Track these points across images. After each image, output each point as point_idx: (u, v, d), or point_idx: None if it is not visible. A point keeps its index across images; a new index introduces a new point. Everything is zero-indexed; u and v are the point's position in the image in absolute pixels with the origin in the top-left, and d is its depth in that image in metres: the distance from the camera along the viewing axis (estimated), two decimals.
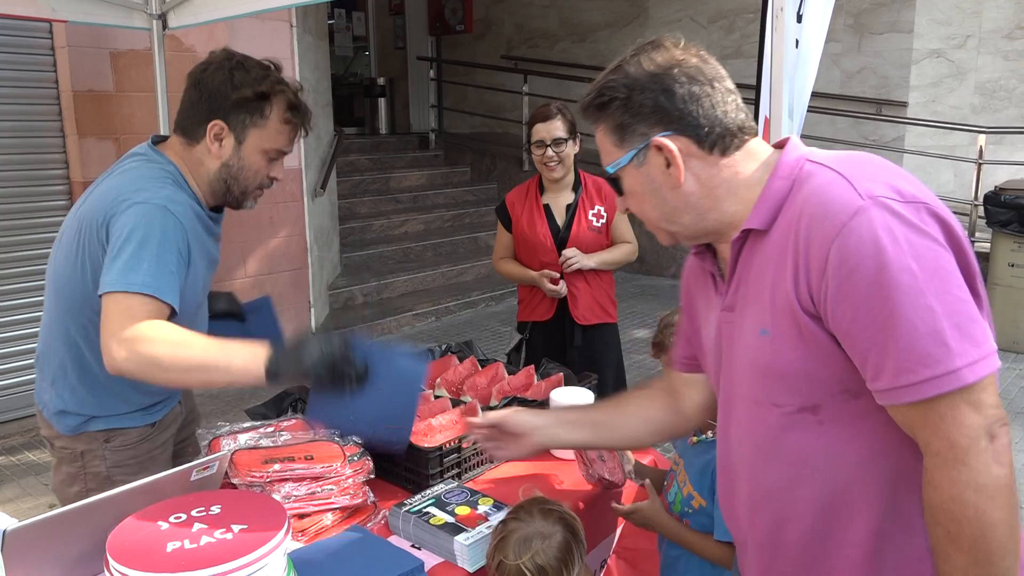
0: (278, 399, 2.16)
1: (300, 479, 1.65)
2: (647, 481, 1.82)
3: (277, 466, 1.65)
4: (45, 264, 1.88)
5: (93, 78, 4.52)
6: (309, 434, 1.82)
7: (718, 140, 1.17)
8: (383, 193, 8.55)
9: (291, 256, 5.59)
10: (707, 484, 1.68)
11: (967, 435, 0.98)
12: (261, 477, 1.63)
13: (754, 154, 1.20)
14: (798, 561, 1.19)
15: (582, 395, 2.05)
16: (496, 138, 9.77)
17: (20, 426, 4.50)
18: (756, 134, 1.21)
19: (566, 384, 2.26)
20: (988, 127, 6.75)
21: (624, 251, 3.11)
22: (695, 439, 1.80)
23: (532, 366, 2.38)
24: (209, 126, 1.75)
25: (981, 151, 6.50)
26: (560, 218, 3.08)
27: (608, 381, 3.08)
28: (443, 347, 2.55)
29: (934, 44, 7.31)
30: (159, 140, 1.86)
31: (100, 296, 1.61)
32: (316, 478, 1.66)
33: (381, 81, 10.95)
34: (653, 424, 1.59)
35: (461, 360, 2.45)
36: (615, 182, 1.26)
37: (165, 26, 3.68)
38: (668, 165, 1.18)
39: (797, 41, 2.14)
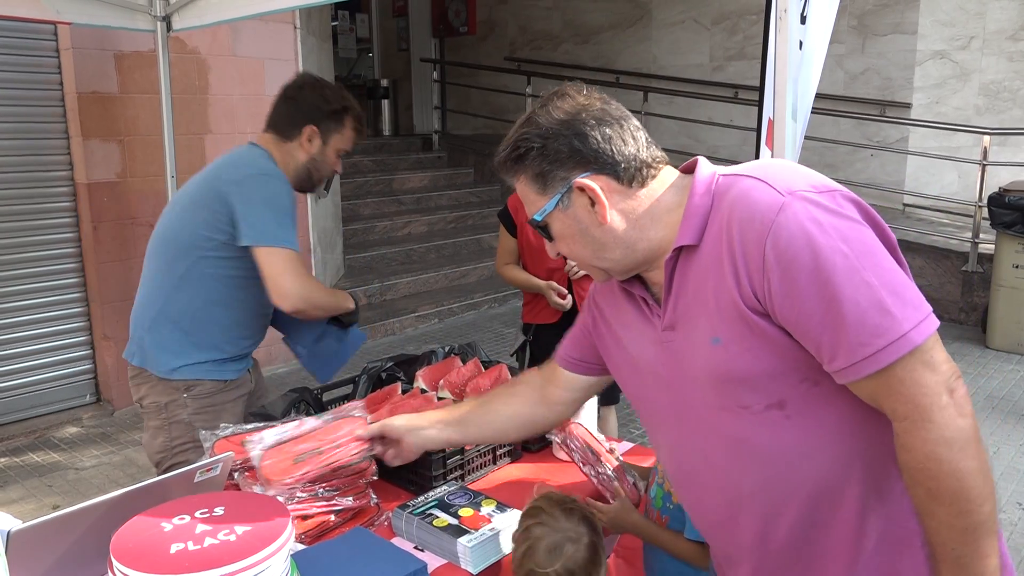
0: (282, 400, 2.16)
1: (333, 470, 1.67)
2: (615, 483, 1.81)
3: (307, 468, 1.64)
4: (49, 265, 2.06)
5: (97, 80, 4.54)
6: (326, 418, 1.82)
7: (636, 174, 1.22)
8: (386, 195, 8.56)
9: None
10: None
11: (928, 394, 1.03)
12: (295, 482, 1.63)
13: (667, 181, 1.26)
14: (791, 554, 1.21)
15: None
16: (500, 140, 9.58)
17: (24, 427, 4.51)
18: (667, 162, 1.27)
19: None
20: (992, 128, 6.73)
21: None
22: None
23: (535, 369, 2.37)
24: (304, 129, 2.26)
25: (985, 152, 6.49)
26: None
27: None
28: (446, 349, 2.55)
29: (938, 45, 7.29)
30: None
31: (249, 247, 2.11)
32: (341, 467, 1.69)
33: (384, 83, 10.97)
34: (518, 419, 1.68)
35: (464, 362, 2.45)
36: (543, 229, 1.30)
37: (169, 28, 3.70)
38: (592, 204, 1.23)
39: (801, 43, 2.14)
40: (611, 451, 1.87)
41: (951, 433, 1.02)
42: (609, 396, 3.24)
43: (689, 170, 1.26)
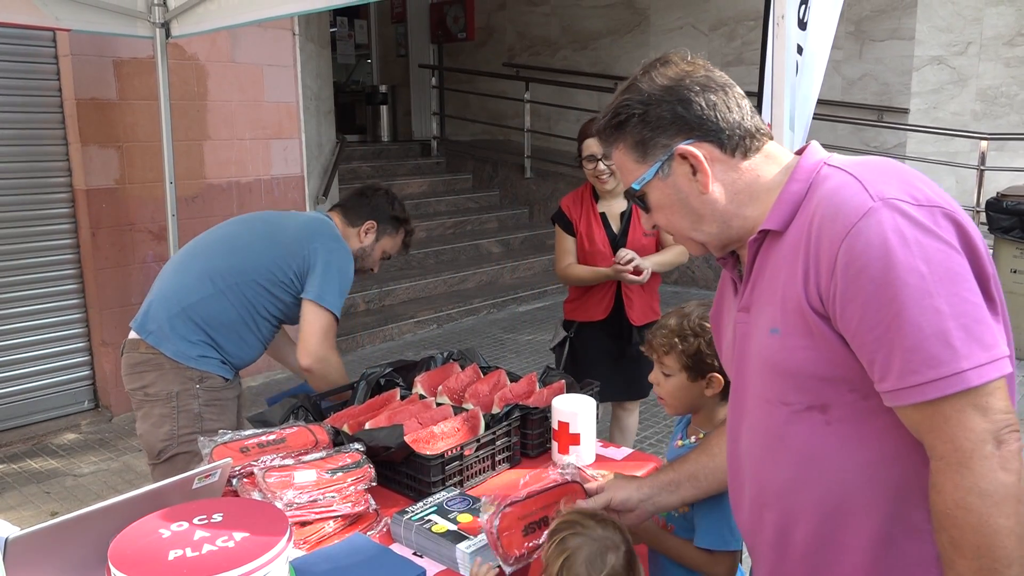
0: (281, 406, 2.16)
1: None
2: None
3: (536, 540, 1.53)
4: (47, 272, 2.05)
5: (96, 86, 4.54)
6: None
7: (739, 143, 1.19)
8: None
9: None
10: None
11: (971, 439, 0.98)
12: (527, 552, 1.53)
13: (773, 157, 1.22)
14: (804, 562, 1.19)
15: (584, 402, 2.05)
16: (498, 145, 9.79)
17: (22, 434, 4.50)
18: (770, 136, 1.23)
19: (568, 391, 2.26)
20: (989, 133, 6.75)
21: (677, 251, 3.15)
22: (680, 443, 1.80)
23: (533, 374, 2.38)
24: (366, 223, 2.60)
25: (983, 157, 6.50)
26: (616, 225, 3.14)
27: (645, 372, 3.18)
28: (445, 354, 2.55)
29: (935, 51, 7.31)
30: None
31: (303, 299, 2.40)
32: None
33: (383, 89, 10.98)
34: None
35: (463, 367, 2.45)
36: (641, 199, 1.27)
37: (168, 35, 3.70)
38: (694, 173, 1.19)
39: (801, 48, 2.14)
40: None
41: (988, 485, 0.97)
42: (631, 391, 3.25)
43: (801, 154, 1.22)
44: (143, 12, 3.63)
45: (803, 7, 2.12)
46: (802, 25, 2.14)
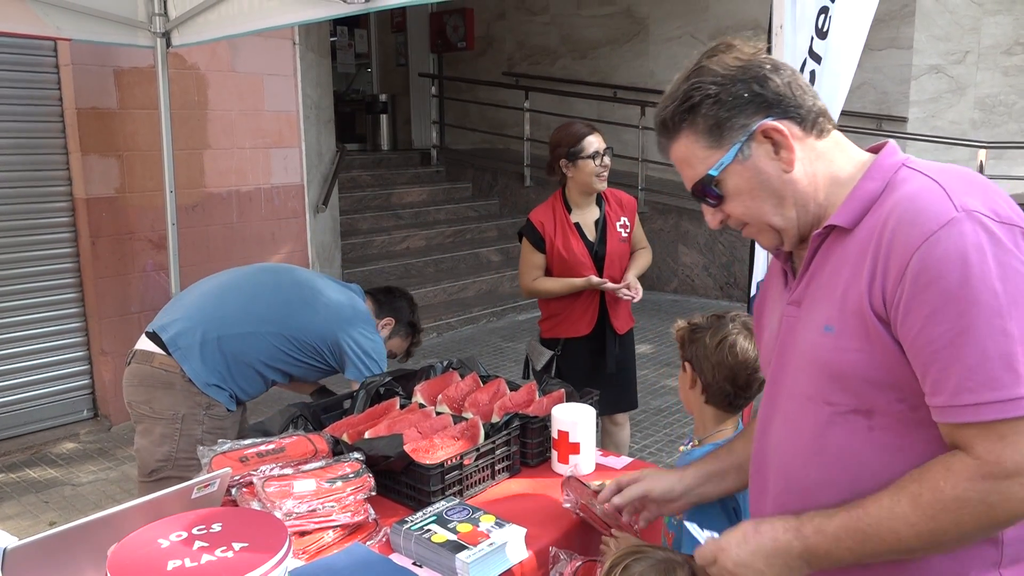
0: (280, 414, 2.16)
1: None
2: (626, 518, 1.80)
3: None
4: (47, 280, 2.06)
5: (97, 96, 4.55)
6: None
7: (815, 121, 1.16)
8: (385, 209, 8.57)
9: None
10: None
11: (1017, 462, 0.96)
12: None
13: (843, 146, 1.19)
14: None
15: (584, 411, 2.05)
16: (497, 154, 9.80)
17: (20, 443, 4.49)
18: (835, 126, 1.21)
19: (568, 400, 2.25)
20: (988, 142, 6.76)
21: (647, 258, 3.24)
22: (682, 448, 1.80)
23: (533, 383, 2.37)
24: (387, 318, 2.78)
25: (981, 166, 6.51)
26: (591, 234, 3.13)
27: (631, 382, 3.28)
28: (444, 363, 2.54)
29: (933, 60, 7.34)
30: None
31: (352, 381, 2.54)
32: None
33: (383, 98, 11.01)
34: None
35: (463, 376, 2.45)
36: (714, 187, 1.19)
37: (169, 44, 3.72)
38: (776, 151, 1.15)
39: (820, 57, 2.14)
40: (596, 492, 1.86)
41: (997, 503, 0.97)
42: (621, 403, 3.24)
43: (876, 151, 1.19)
44: (144, 22, 3.64)
45: (823, 16, 2.13)
46: (821, 34, 2.14)
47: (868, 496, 1.08)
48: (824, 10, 2.15)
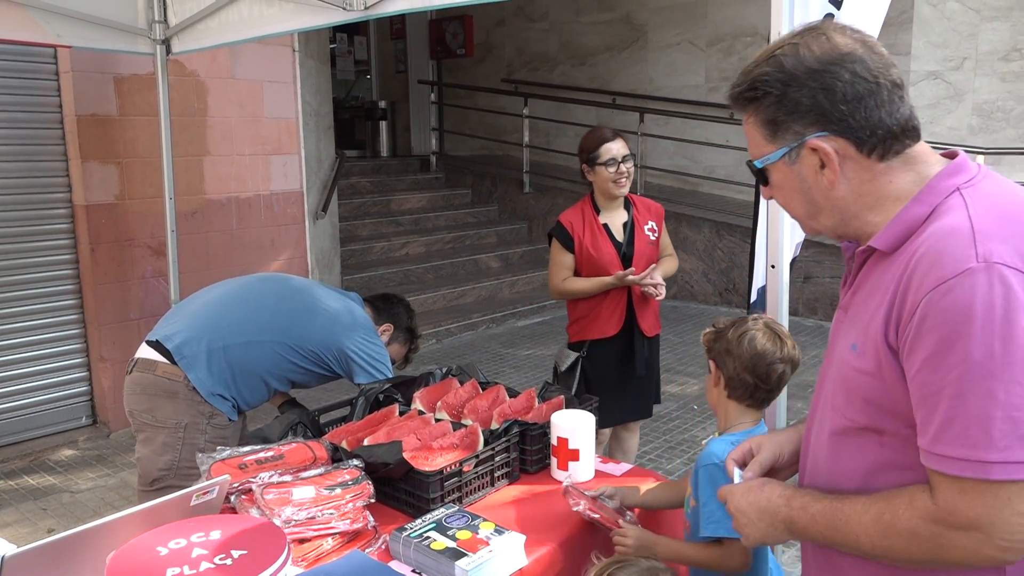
0: (280, 421, 2.15)
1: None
2: (628, 515, 1.81)
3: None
4: (46, 287, 2.05)
5: (97, 102, 4.56)
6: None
7: (879, 144, 1.10)
8: (384, 215, 8.58)
9: None
10: (695, 481, 1.69)
11: (971, 518, 0.98)
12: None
13: (913, 162, 1.12)
14: (852, 566, 1.19)
15: (583, 418, 2.05)
16: (497, 161, 9.82)
17: (19, 450, 4.49)
18: (919, 138, 1.14)
19: (567, 407, 2.25)
20: (986, 148, 6.77)
21: (674, 264, 3.26)
22: (704, 442, 1.83)
23: (532, 389, 2.37)
24: (386, 324, 2.77)
25: None
26: (619, 235, 3.15)
27: (654, 388, 3.30)
28: (444, 370, 2.54)
29: (931, 66, 7.36)
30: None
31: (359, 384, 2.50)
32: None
33: (382, 104, 11.02)
34: None
35: (462, 383, 2.45)
36: (760, 173, 1.20)
37: (168, 51, 3.72)
38: (822, 167, 1.13)
39: None
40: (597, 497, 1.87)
41: (948, 553, 1.00)
42: (642, 408, 3.25)
43: (952, 157, 1.14)
44: (144, 29, 3.65)
45: (830, 20, 2.13)
46: None
47: (851, 495, 1.13)
48: (829, 17, 2.15)
